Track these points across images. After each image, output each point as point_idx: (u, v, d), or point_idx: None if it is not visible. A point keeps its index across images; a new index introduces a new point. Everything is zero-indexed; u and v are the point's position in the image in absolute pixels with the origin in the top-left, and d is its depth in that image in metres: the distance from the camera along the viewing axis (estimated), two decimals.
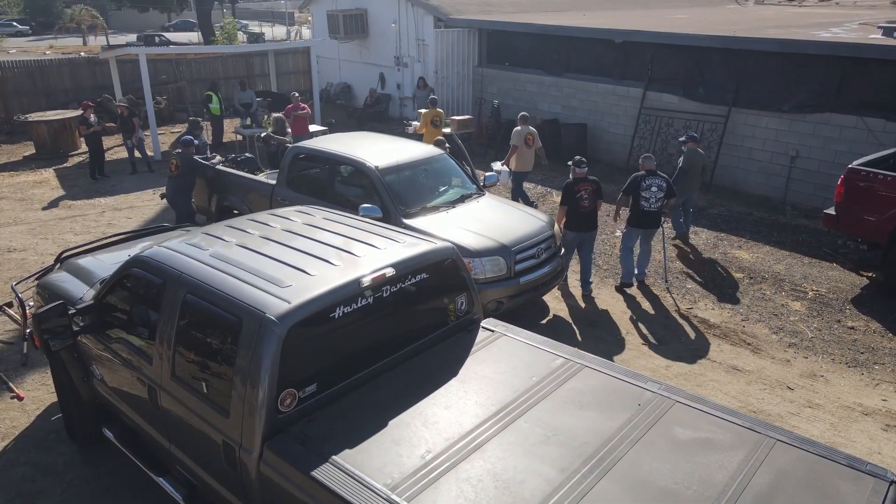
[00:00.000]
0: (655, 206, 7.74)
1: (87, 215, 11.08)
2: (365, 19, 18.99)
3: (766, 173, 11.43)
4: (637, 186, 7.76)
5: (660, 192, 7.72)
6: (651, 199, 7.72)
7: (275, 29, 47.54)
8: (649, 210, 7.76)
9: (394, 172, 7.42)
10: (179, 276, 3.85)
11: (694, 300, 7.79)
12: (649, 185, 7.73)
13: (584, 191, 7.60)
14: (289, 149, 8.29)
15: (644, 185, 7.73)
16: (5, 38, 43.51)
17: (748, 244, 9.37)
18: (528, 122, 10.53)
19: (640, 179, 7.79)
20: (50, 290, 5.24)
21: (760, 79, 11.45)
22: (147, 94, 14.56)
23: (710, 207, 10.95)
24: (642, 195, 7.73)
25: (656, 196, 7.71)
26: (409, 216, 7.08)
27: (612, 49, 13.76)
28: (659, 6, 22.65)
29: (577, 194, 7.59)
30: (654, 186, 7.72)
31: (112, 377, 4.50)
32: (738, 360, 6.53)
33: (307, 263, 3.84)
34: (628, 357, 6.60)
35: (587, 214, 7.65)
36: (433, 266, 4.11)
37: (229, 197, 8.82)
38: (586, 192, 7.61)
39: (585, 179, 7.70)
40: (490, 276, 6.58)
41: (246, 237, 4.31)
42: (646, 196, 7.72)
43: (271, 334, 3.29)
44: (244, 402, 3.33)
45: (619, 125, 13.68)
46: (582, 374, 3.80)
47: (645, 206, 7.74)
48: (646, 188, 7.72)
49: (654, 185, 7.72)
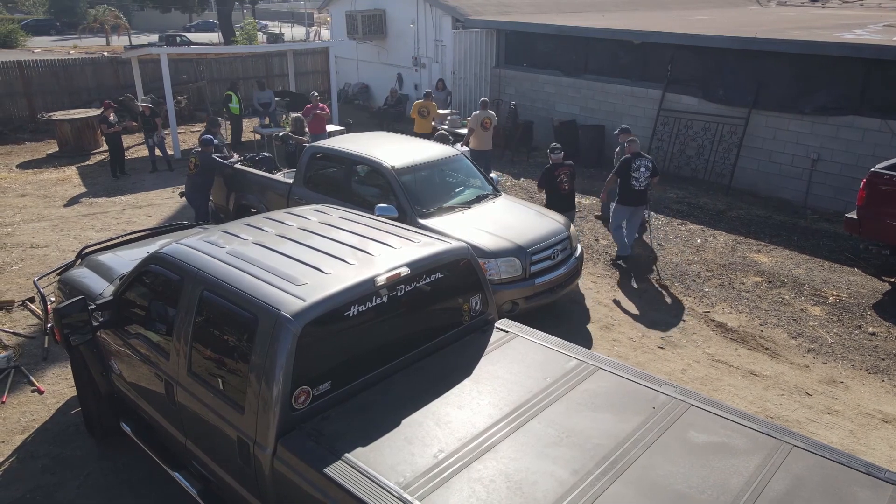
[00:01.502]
0: (644, 185, 8.40)
1: (108, 212, 11.24)
2: (383, 20, 19.06)
3: (786, 176, 11.29)
4: (628, 168, 8.36)
5: (647, 171, 8.38)
6: (640, 179, 8.36)
7: (294, 29, 47.85)
8: (639, 189, 8.41)
9: (410, 172, 7.44)
10: (197, 273, 3.89)
11: (711, 304, 7.71)
12: (638, 167, 8.35)
13: (563, 174, 8.41)
14: (306, 148, 8.35)
15: (634, 167, 8.35)
16: (30, 36, 44.21)
17: (767, 248, 9.26)
18: (487, 107, 11.74)
19: (630, 161, 8.39)
20: (71, 285, 5.32)
21: (782, 80, 11.31)
22: (168, 94, 14.74)
23: (729, 210, 10.84)
24: (633, 175, 8.34)
25: (644, 176, 8.36)
26: (424, 216, 7.09)
27: (630, 50, 13.68)
28: (679, 7, 22.47)
29: (558, 178, 8.37)
30: (642, 167, 8.36)
31: (130, 372, 4.56)
32: (755, 365, 6.46)
33: (323, 262, 3.86)
34: (644, 360, 6.55)
35: (566, 195, 8.46)
36: (448, 266, 4.12)
37: (247, 195, 8.89)
38: (565, 175, 8.42)
39: (563, 164, 8.49)
40: (505, 277, 6.58)
41: (263, 235, 4.34)
42: (636, 176, 8.34)
43: (286, 332, 3.31)
44: (259, 399, 3.36)
45: (637, 127, 13.52)
46: (596, 375, 3.78)
47: (635, 185, 8.36)
48: (635, 169, 8.34)
49: (642, 166, 8.37)
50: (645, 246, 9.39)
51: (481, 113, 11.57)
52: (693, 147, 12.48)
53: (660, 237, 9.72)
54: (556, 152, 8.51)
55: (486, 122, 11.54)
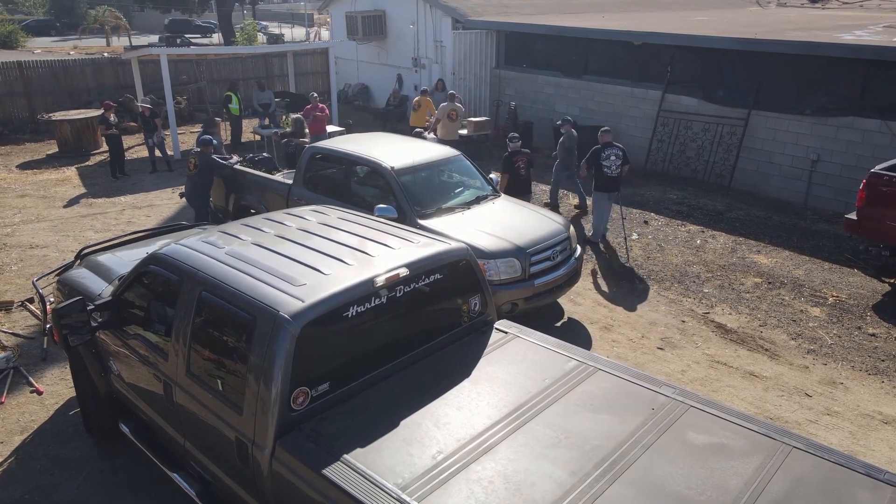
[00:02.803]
0: (616, 172, 9.01)
1: (108, 213, 11.24)
2: (383, 20, 19.06)
3: (786, 177, 11.29)
4: (598, 157, 9.00)
5: (618, 160, 8.99)
6: (612, 167, 8.98)
7: (294, 30, 47.86)
8: (611, 176, 9.03)
9: (410, 173, 7.44)
10: (195, 274, 3.89)
11: (711, 305, 7.71)
12: (609, 155, 8.98)
13: (521, 161, 9.21)
14: (305, 148, 8.34)
15: (604, 156, 8.99)
16: (30, 37, 44.21)
17: (767, 249, 9.25)
18: (455, 100, 12.87)
19: (599, 151, 9.03)
20: (70, 286, 5.32)
21: (782, 81, 11.32)
22: (168, 95, 14.73)
23: (729, 211, 10.84)
24: (604, 164, 8.96)
25: (616, 164, 8.98)
26: (424, 217, 7.08)
27: (630, 51, 13.68)
28: (678, 8, 22.48)
29: (516, 164, 9.14)
30: (612, 156, 8.98)
31: (129, 373, 4.56)
32: (755, 366, 6.45)
33: (321, 262, 3.86)
34: (643, 361, 6.54)
35: (524, 180, 9.20)
36: (447, 266, 4.11)
37: (246, 196, 8.89)
38: (522, 162, 9.21)
39: (520, 152, 9.29)
40: (504, 278, 6.57)
41: (261, 236, 4.34)
42: (607, 165, 8.97)
43: (285, 332, 3.31)
44: (257, 400, 3.35)
45: (637, 127, 13.59)
46: (595, 377, 3.77)
47: (608, 172, 9.00)
48: (606, 157, 8.98)
49: (612, 155, 8.98)
50: (645, 247, 9.38)
51: (448, 105, 12.62)
52: (693, 148, 12.48)
53: (659, 238, 9.72)
54: (514, 141, 9.31)
55: (452, 113, 12.55)
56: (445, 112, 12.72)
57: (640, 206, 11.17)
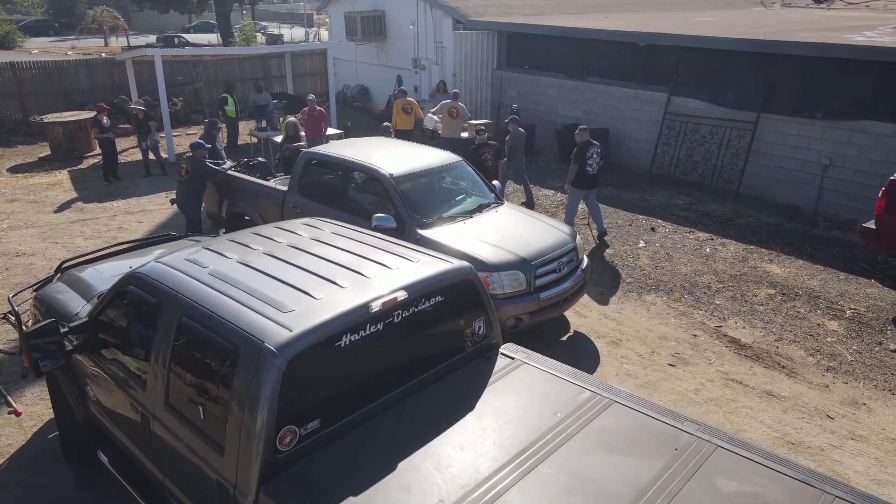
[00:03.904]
0: (595, 170, 9.10)
1: (99, 219, 10.92)
2: (383, 21, 18.74)
3: (796, 182, 10.96)
4: (584, 155, 9.01)
5: (598, 157, 9.10)
6: (593, 165, 9.07)
7: (293, 30, 47.53)
8: (592, 173, 9.10)
9: (409, 180, 7.12)
10: (175, 297, 3.57)
11: (723, 317, 7.39)
12: (592, 153, 9.04)
13: (488, 153, 9.66)
14: (300, 154, 8.02)
15: (588, 153, 9.01)
16: (28, 37, 43.90)
17: (779, 258, 8.93)
18: (457, 99, 12.90)
19: (585, 149, 9.03)
20: (47, 303, 5.00)
21: (792, 84, 11.00)
22: (162, 96, 14.42)
23: (738, 218, 10.52)
24: (588, 162, 9.02)
25: (596, 161, 9.08)
26: (424, 226, 6.76)
27: (635, 52, 13.36)
28: (682, 8, 22.16)
29: (483, 156, 9.53)
30: (594, 154, 9.07)
31: (107, 399, 4.24)
32: (772, 385, 6.13)
33: (313, 285, 3.54)
34: (654, 379, 6.23)
35: (490, 172, 9.31)
36: (449, 288, 3.79)
37: (240, 202, 8.57)
38: (489, 154, 9.65)
39: (487, 144, 9.81)
40: (508, 292, 6.25)
41: (248, 253, 4.02)
42: (590, 163, 9.03)
43: (270, 365, 2.99)
44: (240, 439, 3.03)
45: (642, 130, 13.27)
46: (611, 410, 3.45)
47: (589, 170, 9.06)
48: (590, 156, 9.02)
49: (594, 153, 9.07)
50: (652, 255, 9.07)
51: (450, 102, 12.62)
52: (700, 152, 12.16)
53: (667, 246, 9.40)
54: (481, 133, 9.91)
55: (452, 110, 12.48)
56: (445, 109, 12.66)
57: (647, 211, 10.85)
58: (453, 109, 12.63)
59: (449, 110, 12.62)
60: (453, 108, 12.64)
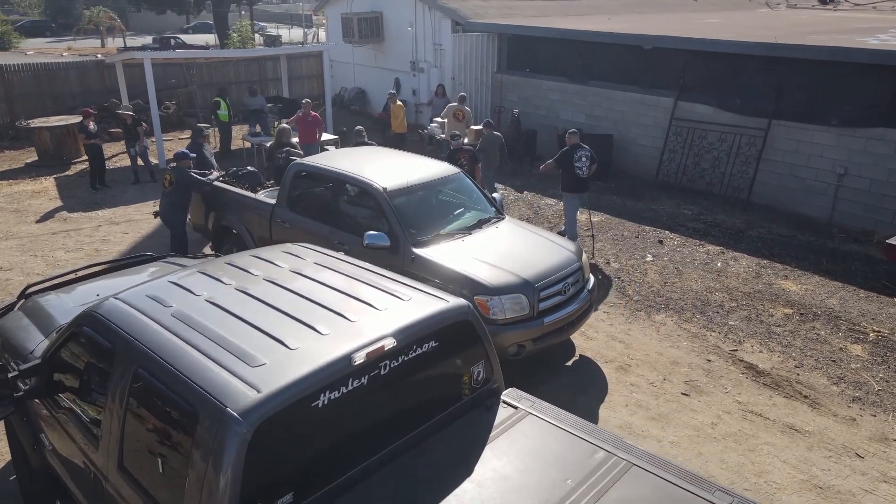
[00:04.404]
0: (586, 173, 8.86)
1: (83, 229, 10.48)
2: (380, 23, 18.30)
3: (809, 191, 10.52)
4: (570, 159, 8.79)
5: (587, 161, 8.84)
6: (583, 168, 8.81)
7: (292, 31, 47.07)
8: (583, 177, 8.87)
9: (404, 194, 6.67)
10: (131, 344, 3.13)
11: (738, 340, 6.95)
12: (580, 157, 8.79)
13: (463, 158, 9.32)
14: (290, 165, 7.58)
15: (576, 157, 8.79)
16: (23, 38, 43.46)
17: (795, 273, 8.49)
18: (464, 102, 12.90)
19: (571, 152, 8.82)
20: (3, 336, 4.56)
21: (804, 89, 10.56)
22: (152, 100, 13.97)
23: (749, 229, 10.07)
24: (576, 165, 8.78)
25: (586, 164, 8.82)
26: (419, 244, 6.32)
27: (640, 56, 12.91)
28: (686, 10, 21.73)
29: (459, 161, 9.09)
30: (583, 157, 8.81)
31: (62, 448, 3.80)
32: (794, 418, 5.69)
33: (288, 330, 3.10)
34: (668, 411, 5.78)
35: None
36: (444, 330, 3.35)
37: (227, 216, 8.13)
38: (465, 159, 9.30)
39: (462, 149, 9.57)
40: (510, 317, 5.80)
41: (219, 289, 3.58)
42: (578, 166, 8.78)
43: (233, 435, 2.55)
44: None
45: (647, 136, 12.83)
46: (630, 475, 3.01)
47: (579, 173, 8.82)
48: (577, 159, 8.78)
49: (583, 156, 8.81)
50: (661, 270, 8.63)
51: (456, 105, 12.65)
52: (708, 159, 11.72)
53: (676, 260, 8.96)
54: (456, 138, 9.78)
55: (458, 112, 12.47)
56: (452, 112, 12.63)
57: (653, 222, 10.41)
58: (459, 112, 12.59)
59: (455, 112, 12.58)
60: (459, 110, 12.61)
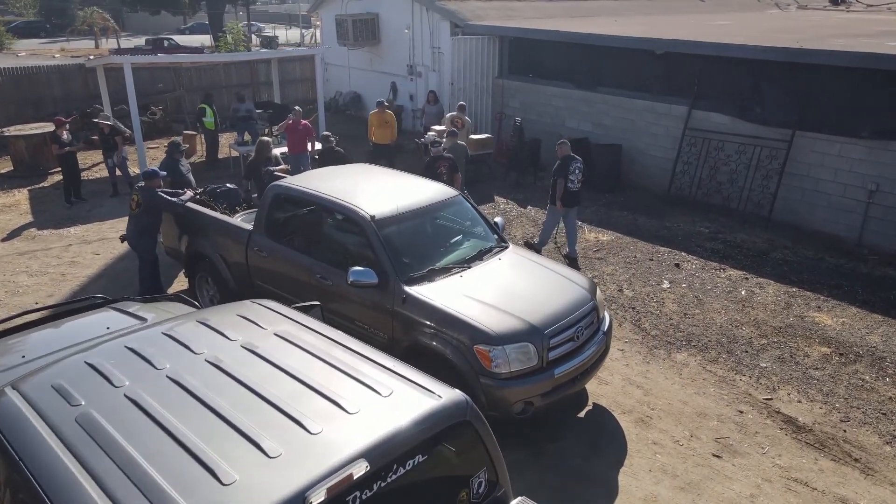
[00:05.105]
0: (578, 186, 8.55)
1: (51, 249, 9.69)
2: (376, 24, 17.52)
3: (836, 209, 9.73)
4: (566, 170, 8.40)
5: (580, 173, 8.52)
6: (575, 181, 8.47)
7: (290, 32, 46.30)
8: (574, 190, 8.51)
9: (394, 223, 5.88)
10: (15, 464, 2.34)
11: (772, 386, 6.15)
12: (574, 168, 8.44)
13: (443, 166, 8.86)
14: (268, 188, 6.78)
15: (571, 169, 8.41)
16: (15, 39, 42.70)
17: (828, 304, 7.70)
18: (464, 111, 12.39)
19: (567, 164, 8.43)
20: None
21: (831, 98, 9.77)
22: (133, 107, 13.13)
23: (772, 250, 9.28)
24: (570, 178, 8.41)
25: (578, 178, 8.49)
26: (411, 281, 5.53)
27: (651, 61, 12.11)
28: (694, 11, 20.94)
29: (438, 169, 8.76)
30: (577, 169, 8.47)
31: None
32: (845, 488, 4.90)
33: (226, 451, 2.32)
34: (698, 478, 5.00)
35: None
36: (436, 438, 2.56)
37: (200, 241, 7.33)
38: (444, 168, 8.85)
39: (442, 157, 9.06)
40: (515, 370, 5.02)
41: (146, 378, 2.79)
42: (572, 178, 8.43)
43: None
44: None
45: (658, 147, 12.04)
46: None
47: (571, 186, 8.45)
48: (572, 171, 8.42)
49: (577, 168, 8.47)
50: (680, 299, 7.84)
51: (455, 114, 12.15)
52: (725, 172, 10.93)
53: (696, 287, 8.17)
54: (435, 146, 9.31)
55: (457, 121, 11.90)
56: (450, 120, 12.15)
57: (668, 242, 9.62)
58: (458, 120, 12.06)
59: (454, 120, 12.04)
60: (458, 118, 12.10)
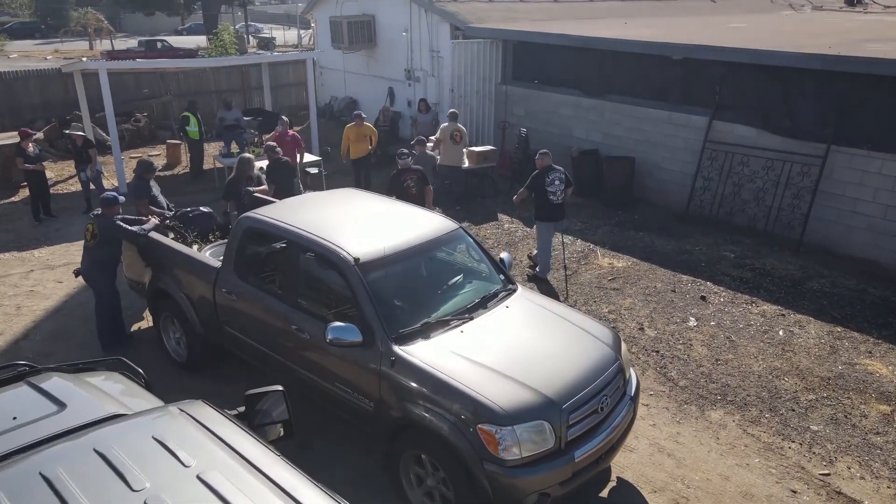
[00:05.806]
0: (561, 198, 8.10)
1: (10, 276, 8.80)
2: (372, 27, 16.63)
3: (878, 232, 8.79)
4: (542, 182, 8.01)
5: (561, 184, 8.06)
6: (557, 193, 8.04)
7: (288, 33, 45.39)
8: (557, 203, 8.09)
9: (382, 267, 4.96)
10: None
11: (828, 457, 5.23)
12: (553, 180, 8.02)
13: (410, 179, 8.43)
14: (238, 219, 5.86)
15: (548, 181, 8.01)
16: (7, 40, 41.86)
17: (880, 347, 6.77)
18: (456, 119, 11.23)
19: (543, 175, 8.03)
20: None
21: (871, 110, 8.84)
22: (109, 116, 12.30)
23: (808, 279, 8.34)
24: (548, 190, 8.00)
25: (560, 189, 8.05)
26: (402, 339, 4.60)
27: (667, 67, 11.16)
28: (706, 13, 20.00)
29: (405, 183, 8.37)
30: (556, 180, 8.04)
31: None
32: None
33: None
34: None
35: (414, 200, 7.84)
36: None
37: (163, 277, 6.41)
38: (412, 180, 8.43)
39: (410, 169, 8.53)
40: (528, 454, 4.09)
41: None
42: (552, 190, 8.01)
43: None
44: None
45: (675, 160, 11.11)
46: None
47: (553, 199, 8.06)
48: (550, 183, 8.01)
49: (556, 179, 8.05)
50: (709, 341, 6.92)
51: (451, 125, 11.09)
52: (750, 190, 10.00)
53: (726, 325, 7.24)
54: (403, 157, 8.59)
55: (455, 134, 11.03)
56: (448, 133, 11.03)
57: (691, 269, 8.69)
58: (457, 133, 11.08)
59: (452, 134, 11.04)
60: (456, 131, 11.09)
